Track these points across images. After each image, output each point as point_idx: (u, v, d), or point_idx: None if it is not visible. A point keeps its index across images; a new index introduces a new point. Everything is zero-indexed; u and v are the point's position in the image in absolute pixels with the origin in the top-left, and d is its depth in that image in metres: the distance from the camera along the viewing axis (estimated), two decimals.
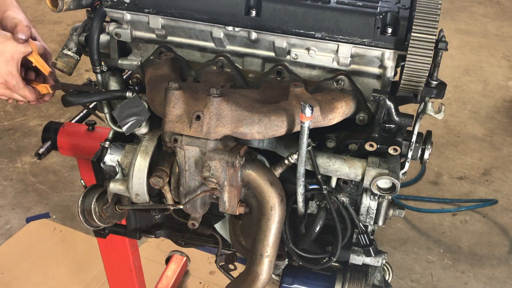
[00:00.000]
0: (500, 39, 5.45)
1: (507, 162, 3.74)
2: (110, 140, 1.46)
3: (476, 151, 3.83)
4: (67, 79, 1.65)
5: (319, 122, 1.23)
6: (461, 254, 3.03)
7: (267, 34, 1.30)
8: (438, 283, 2.85)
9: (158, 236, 1.64)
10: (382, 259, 1.40)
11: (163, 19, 1.36)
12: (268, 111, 1.20)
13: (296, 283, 1.47)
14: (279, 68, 1.36)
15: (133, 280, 2.23)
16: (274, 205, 1.25)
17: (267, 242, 1.27)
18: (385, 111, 1.24)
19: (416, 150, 1.30)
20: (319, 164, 1.28)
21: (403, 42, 1.23)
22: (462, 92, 4.52)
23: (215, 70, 1.39)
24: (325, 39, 1.26)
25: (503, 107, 4.33)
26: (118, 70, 1.52)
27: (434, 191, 3.48)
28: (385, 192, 1.25)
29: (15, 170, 3.80)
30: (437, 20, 1.16)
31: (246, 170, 1.24)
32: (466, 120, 4.18)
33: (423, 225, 3.21)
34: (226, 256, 1.54)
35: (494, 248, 3.07)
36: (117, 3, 1.36)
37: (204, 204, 1.32)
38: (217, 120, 1.16)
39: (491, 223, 3.24)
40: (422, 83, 1.20)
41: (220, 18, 1.31)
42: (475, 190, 3.49)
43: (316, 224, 1.34)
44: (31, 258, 3.03)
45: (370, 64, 1.30)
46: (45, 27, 5.66)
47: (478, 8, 6.10)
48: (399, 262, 2.95)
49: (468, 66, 4.92)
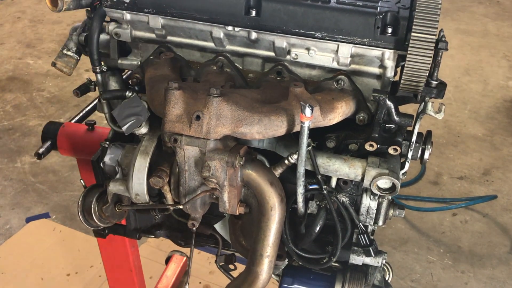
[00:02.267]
0: (500, 39, 5.45)
1: (507, 162, 3.74)
2: (110, 140, 1.46)
3: (476, 151, 3.83)
4: (67, 78, 1.65)
5: (319, 122, 1.23)
6: (461, 254, 3.03)
7: (267, 34, 1.30)
8: (438, 283, 2.85)
9: (158, 236, 1.64)
10: (382, 259, 1.40)
11: (163, 19, 1.35)
12: (268, 111, 1.20)
13: (296, 283, 1.47)
14: (279, 68, 1.36)
15: (133, 280, 2.23)
16: (274, 205, 1.25)
17: (267, 242, 1.27)
18: (385, 111, 1.24)
19: (416, 150, 1.30)
20: (319, 164, 1.28)
21: (403, 42, 1.23)
22: (462, 92, 4.52)
23: (215, 70, 1.39)
24: (325, 39, 1.26)
25: (503, 107, 4.33)
26: (118, 70, 1.52)
27: (434, 191, 3.47)
28: (385, 192, 1.25)
29: (15, 170, 3.80)
30: (437, 20, 1.16)
31: (246, 170, 1.24)
32: (466, 120, 4.18)
33: (423, 225, 3.21)
34: (226, 256, 1.54)
35: (494, 248, 3.07)
36: (117, 3, 1.36)
37: (204, 204, 1.32)
38: (217, 120, 1.16)
39: (491, 223, 3.24)
40: (422, 83, 1.20)
41: (220, 18, 1.30)
42: (475, 190, 3.49)
43: (316, 224, 1.34)
44: (31, 258, 3.03)
45: (370, 64, 1.30)
46: (45, 27, 5.66)
47: (478, 8, 6.10)
48: (399, 262, 2.95)
49: (468, 66, 4.92)
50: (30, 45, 5.33)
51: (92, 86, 1.54)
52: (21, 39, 5.45)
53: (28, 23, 5.70)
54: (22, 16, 5.85)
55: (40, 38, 5.46)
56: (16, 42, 5.40)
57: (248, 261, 1.32)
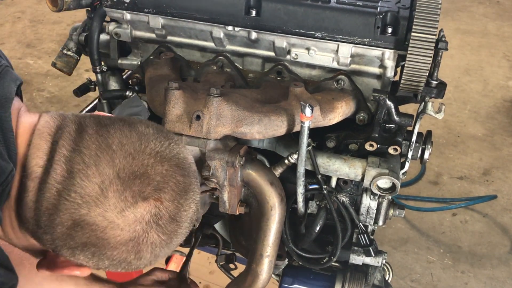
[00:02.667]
0: (500, 39, 5.44)
1: (507, 162, 3.74)
2: None
3: (476, 151, 3.83)
4: (67, 78, 1.65)
5: (319, 122, 1.23)
6: (461, 254, 3.02)
7: (267, 34, 1.30)
8: (438, 283, 2.85)
9: None
10: (382, 259, 1.39)
11: (163, 19, 1.35)
12: (268, 111, 1.20)
13: (296, 283, 1.47)
14: (279, 68, 1.36)
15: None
16: (274, 205, 1.25)
17: (267, 242, 1.27)
18: (385, 111, 1.24)
19: (416, 150, 1.30)
20: (319, 164, 1.28)
21: (403, 42, 1.23)
22: (462, 92, 4.52)
23: (215, 70, 1.39)
24: (325, 39, 1.26)
25: (503, 107, 4.33)
26: (118, 70, 1.52)
27: (434, 191, 3.47)
28: (385, 192, 1.25)
29: None
30: (437, 20, 1.16)
31: (246, 170, 1.24)
32: (466, 120, 4.17)
33: (423, 225, 3.21)
34: (226, 255, 1.54)
35: (494, 248, 3.07)
36: (117, 3, 1.36)
37: (204, 204, 1.32)
38: (217, 120, 1.16)
39: (491, 223, 3.24)
40: (422, 83, 1.20)
41: (220, 18, 1.30)
42: (475, 190, 3.49)
43: (316, 224, 1.34)
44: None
45: (370, 64, 1.30)
46: (45, 27, 5.66)
47: (478, 8, 6.10)
48: (399, 262, 2.95)
49: (468, 66, 4.92)
50: (30, 45, 5.33)
51: (92, 86, 1.54)
52: (21, 39, 5.45)
53: (28, 23, 5.70)
54: (22, 16, 5.85)
55: (40, 38, 5.46)
56: (16, 42, 5.40)
57: (248, 260, 1.32)
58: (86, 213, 0.76)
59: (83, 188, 0.76)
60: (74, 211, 0.76)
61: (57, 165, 0.77)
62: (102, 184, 0.76)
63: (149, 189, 0.78)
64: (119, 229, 0.77)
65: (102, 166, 0.77)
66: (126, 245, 0.79)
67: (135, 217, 0.77)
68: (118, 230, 0.77)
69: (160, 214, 0.79)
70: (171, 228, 0.81)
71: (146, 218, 0.78)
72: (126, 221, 0.77)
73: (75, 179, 0.76)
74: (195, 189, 0.86)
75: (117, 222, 0.77)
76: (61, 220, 0.77)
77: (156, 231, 0.80)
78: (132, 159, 0.78)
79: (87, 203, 0.76)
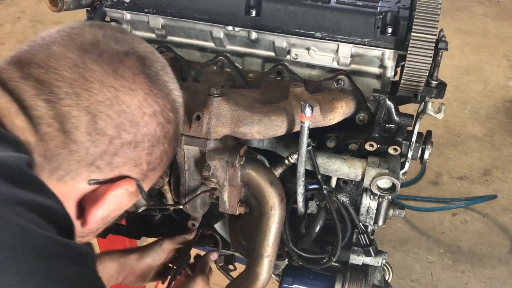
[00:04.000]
0: (500, 39, 5.44)
1: (507, 162, 3.74)
2: None
3: (476, 151, 3.83)
4: None
5: (319, 122, 1.23)
6: (461, 254, 3.02)
7: (267, 34, 1.30)
8: (438, 283, 2.85)
9: (158, 236, 1.64)
10: (382, 259, 1.39)
11: (163, 19, 1.36)
12: (268, 111, 1.20)
13: (296, 283, 1.47)
14: (279, 68, 1.36)
15: None
16: (274, 205, 1.25)
17: (267, 242, 1.27)
18: (385, 111, 1.24)
19: (416, 150, 1.30)
20: (319, 164, 1.28)
21: (403, 42, 1.23)
22: (462, 92, 4.52)
23: (215, 70, 1.39)
24: (325, 39, 1.26)
25: (503, 107, 4.33)
26: None
27: (434, 191, 3.47)
28: (385, 192, 1.25)
29: None
30: (437, 20, 1.16)
31: (246, 170, 1.24)
32: (466, 120, 4.17)
33: (423, 225, 3.21)
34: (225, 256, 1.54)
35: (494, 248, 3.07)
36: (117, 2, 1.36)
37: (204, 204, 1.32)
38: (217, 120, 1.16)
39: (491, 223, 3.24)
40: (422, 83, 1.20)
41: (220, 18, 1.30)
42: (475, 190, 3.49)
43: (316, 224, 1.34)
44: None
45: (370, 64, 1.30)
46: (45, 27, 5.66)
47: (478, 8, 6.10)
48: (399, 262, 2.95)
49: (468, 66, 4.92)
50: None
51: None
52: (21, 39, 5.44)
53: (28, 23, 5.70)
54: (22, 16, 5.85)
55: None
56: (16, 42, 5.40)
57: (248, 261, 1.32)
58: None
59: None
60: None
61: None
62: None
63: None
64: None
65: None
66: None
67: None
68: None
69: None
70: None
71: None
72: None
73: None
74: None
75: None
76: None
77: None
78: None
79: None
